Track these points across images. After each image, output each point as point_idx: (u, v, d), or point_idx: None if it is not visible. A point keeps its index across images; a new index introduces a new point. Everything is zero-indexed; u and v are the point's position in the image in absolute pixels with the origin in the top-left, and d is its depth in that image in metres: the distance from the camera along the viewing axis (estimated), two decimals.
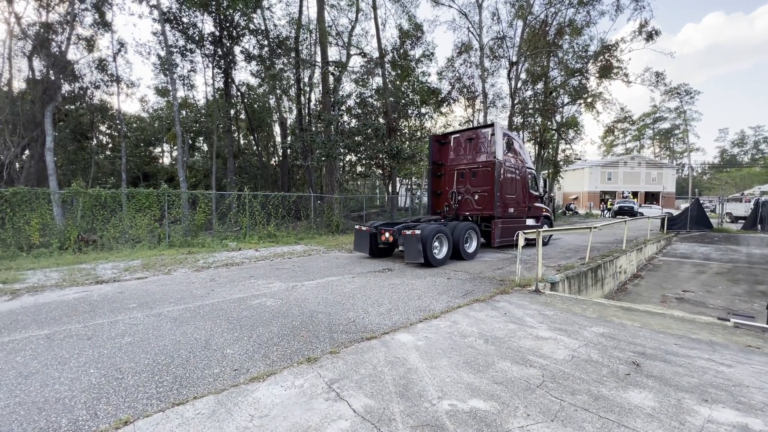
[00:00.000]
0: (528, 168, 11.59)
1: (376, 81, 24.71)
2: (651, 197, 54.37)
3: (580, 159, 35.64)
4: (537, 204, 12.06)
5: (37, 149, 17.15)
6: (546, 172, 33.67)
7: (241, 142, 32.12)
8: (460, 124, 32.61)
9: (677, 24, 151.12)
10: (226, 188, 22.21)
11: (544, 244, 11.81)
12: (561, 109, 30.74)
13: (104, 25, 19.06)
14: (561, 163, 32.62)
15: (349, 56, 21.70)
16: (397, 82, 24.36)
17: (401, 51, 24.16)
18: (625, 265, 11.43)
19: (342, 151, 18.77)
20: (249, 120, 27.53)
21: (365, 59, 22.70)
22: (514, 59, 26.32)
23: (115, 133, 28.47)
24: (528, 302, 5.52)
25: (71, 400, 2.74)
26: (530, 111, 28.09)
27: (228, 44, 20.89)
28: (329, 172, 19.15)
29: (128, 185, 21.22)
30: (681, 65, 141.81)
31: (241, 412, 2.56)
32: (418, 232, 8.05)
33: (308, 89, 23.96)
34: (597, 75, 27.50)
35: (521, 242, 6.60)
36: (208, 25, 21.13)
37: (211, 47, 21.02)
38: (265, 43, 22.20)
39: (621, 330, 4.37)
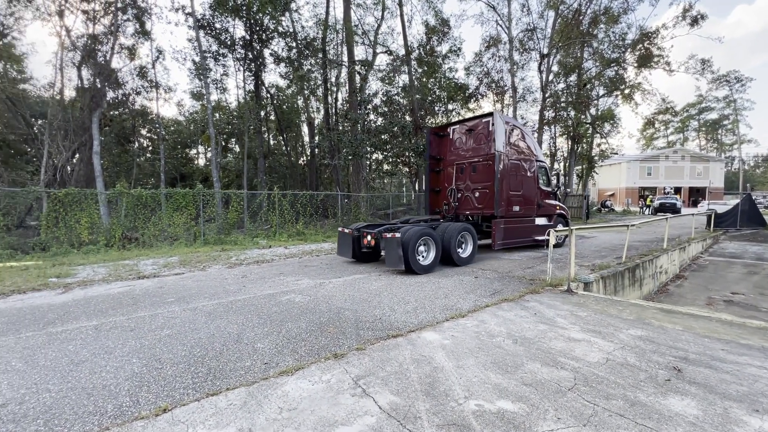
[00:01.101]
0: (538, 161, 10.43)
1: (402, 78, 24.63)
2: (696, 193, 51.05)
3: (616, 153, 34.00)
4: (549, 201, 10.90)
5: (86, 153, 18.37)
6: (579, 167, 32.41)
7: (271, 142, 32.99)
8: None
9: (727, 6, 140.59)
10: (256, 188, 22.90)
11: (557, 245, 10.35)
12: (596, 101, 29.44)
13: (144, 34, 20.10)
14: (596, 158, 31.26)
15: (375, 55, 21.76)
16: (424, 79, 24.17)
17: (427, 47, 23.93)
18: (667, 265, 10.81)
19: (368, 149, 18.88)
20: (278, 121, 28.22)
21: (391, 57, 22.68)
22: (545, 51, 25.44)
23: (155, 137, 30.02)
24: (560, 302, 5.34)
25: (116, 387, 2.93)
26: (562, 104, 27.06)
27: (258, 47, 21.48)
28: (356, 171, 19.32)
29: (166, 186, 22.33)
30: (731, 51, 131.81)
31: (271, 405, 2.64)
32: (398, 235, 7.11)
33: (335, 89, 24.25)
34: (635, 65, 26.10)
35: (552, 240, 6.39)
36: (239, 30, 21.83)
37: (242, 51, 21.70)
38: (294, 45, 22.65)
39: (661, 333, 4.14)
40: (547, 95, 25.77)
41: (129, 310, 5.05)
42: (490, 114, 9.50)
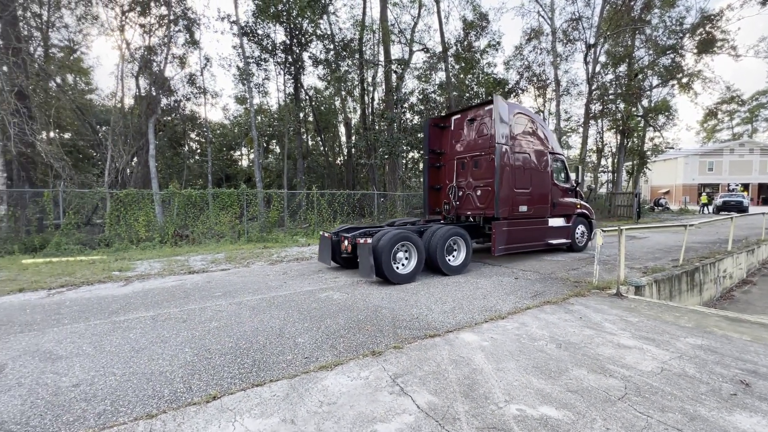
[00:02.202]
0: (553, 154, 9.14)
1: (439, 76, 24.36)
2: (767, 189, 46.17)
3: (672, 148, 31.52)
4: (566, 199, 9.57)
5: (143, 156, 19.84)
6: (630, 163, 30.42)
7: (309, 143, 33.86)
8: None
9: None
10: (296, 187, 23.61)
11: (573, 249, 9.76)
12: (648, 92, 27.46)
13: (193, 43, 21.34)
14: (648, 153, 29.18)
15: (411, 53, 21.68)
16: (461, 76, 23.74)
17: (465, 43, 23.47)
18: (732, 269, 9.88)
19: (404, 148, 18.86)
20: (316, 122, 28.91)
21: (428, 55, 22.49)
22: (592, 41, 24.08)
23: (203, 140, 31.81)
24: (607, 306, 5.05)
25: (171, 374, 3.15)
26: (611, 97, 25.50)
27: (297, 51, 22.12)
28: (392, 170, 19.38)
29: (213, 186, 23.61)
30: None
31: (312, 398, 2.72)
32: (369, 240, 6.31)
33: (371, 89, 24.44)
34: (695, 51, 24.05)
35: (600, 241, 6.04)
36: (279, 35, 22.62)
37: (283, 55, 22.44)
38: (331, 47, 23.08)
39: (725, 343, 3.80)
40: (593, 87, 24.40)
41: (181, 302, 5.40)
42: (491, 100, 8.25)
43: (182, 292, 6.03)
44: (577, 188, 10.02)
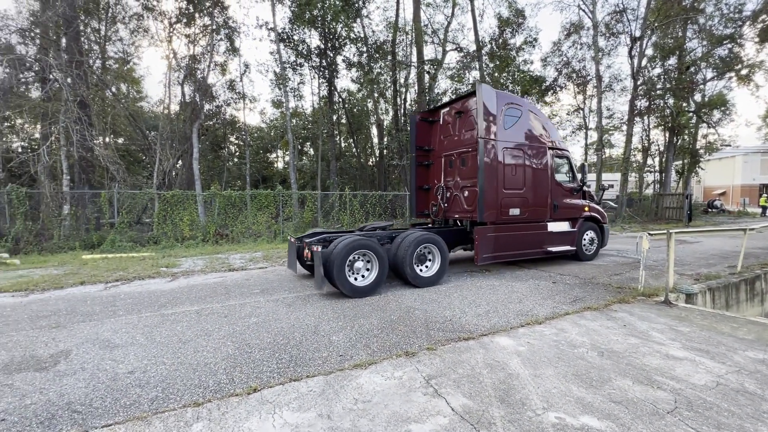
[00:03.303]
0: (553, 149, 8.11)
1: (473, 75, 23.94)
2: None
3: (729, 145, 29.19)
4: (571, 201, 8.46)
5: (187, 159, 20.99)
6: (679, 162, 28.48)
7: (342, 145, 34.40)
8: (567, 114, 29.64)
9: None
10: (329, 188, 24.06)
11: (580, 258, 8.67)
12: (702, 86, 25.56)
13: (233, 51, 22.31)
14: (701, 151, 27.16)
15: (444, 53, 21.49)
16: (495, 74, 23.22)
17: (500, 41, 22.95)
18: None
19: None
20: (349, 124, 29.32)
21: (461, 54, 22.20)
22: (638, 34, 22.75)
23: (241, 143, 33.16)
24: (655, 315, 4.76)
25: (215, 365, 3.32)
26: (658, 92, 23.98)
27: (331, 55, 22.55)
28: None
29: (251, 187, 24.56)
30: None
31: (347, 395, 2.78)
32: (319, 248, 5.63)
33: (404, 90, 24.45)
34: (756, 40, 22.12)
35: (646, 245, 5.71)
36: (314, 40, 23.13)
37: (317, 59, 22.96)
38: (364, 49, 23.34)
39: None
40: (639, 82, 23.04)
41: (222, 298, 5.67)
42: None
43: (223, 288, 6.33)
44: (584, 188, 8.79)
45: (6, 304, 5.45)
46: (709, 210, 31.46)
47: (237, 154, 34.51)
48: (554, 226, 8.11)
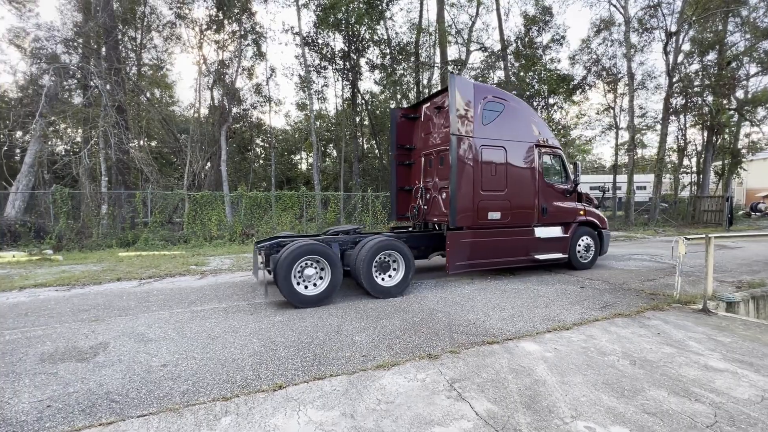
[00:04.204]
0: (541, 146, 7.40)
1: (497, 74, 23.59)
2: None
3: None
4: (563, 204, 7.69)
5: (216, 161, 21.69)
6: (719, 163, 26.97)
7: (365, 146, 34.60)
8: (597, 113, 28.67)
9: None
10: (351, 189, 24.25)
11: (574, 266, 7.85)
12: (744, 82, 24.14)
13: (260, 55, 22.92)
14: (743, 151, 25.61)
15: (468, 53, 21.27)
16: (521, 73, 22.76)
17: (526, 39, 22.49)
18: None
19: None
20: (372, 125, 29.47)
21: (486, 54, 21.90)
22: (673, 29, 21.75)
23: (267, 145, 33.96)
24: (692, 323, 4.53)
25: (242, 361, 3.41)
26: (696, 89, 22.82)
27: (355, 57, 22.77)
28: None
29: (275, 189, 25.12)
30: None
31: (370, 395, 2.79)
32: (262, 253, 5.38)
33: (427, 91, 24.35)
34: None
35: (682, 250, 5.44)
36: (338, 43, 23.43)
37: (341, 62, 23.24)
38: (387, 51, 23.44)
39: None
40: (674, 80, 22.01)
41: (249, 296, 5.82)
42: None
43: (249, 287, 6.49)
44: (578, 188, 7.97)
45: (50, 298, 5.81)
46: (752, 213, 29.58)
47: (262, 156, 35.35)
48: (543, 232, 7.39)
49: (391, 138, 8.38)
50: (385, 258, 5.87)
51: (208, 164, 22.89)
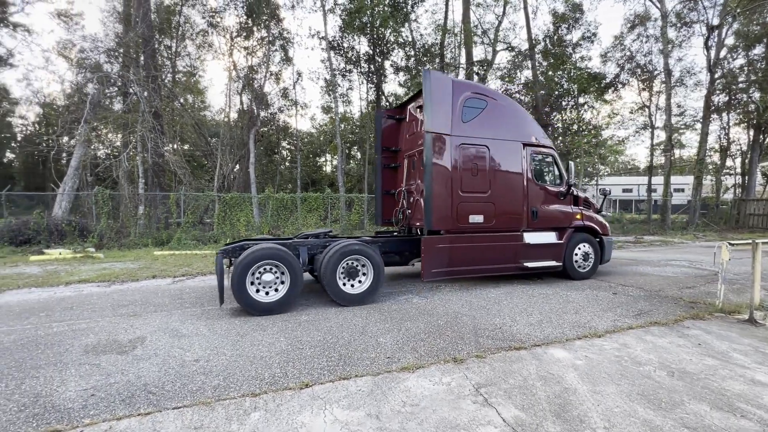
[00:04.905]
0: (532, 146, 6.91)
1: (525, 74, 23.09)
2: None
3: None
4: (557, 207, 7.13)
5: (244, 164, 22.36)
6: (766, 164, 25.26)
7: None
8: (631, 112, 27.50)
9: None
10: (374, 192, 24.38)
11: (570, 276, 7.23)
12: None
13: (287, 60, 23.48)
14: None
15: (495, 53, 20.94)
16: (549, 72, 22.20)
17: (554, 38, 21.92)
18: None
19: None
20: None
21: (513, 53, 21.49)
22: (715, 22, 20.59)
23: (293, 148, 34.70)
24: (736, 334, 4.26)
25: (270, 359, 3.50)
26: (741, 85, 21.49)
27: (379, 60, 22.91)
28: None
29: (301, 190, 25.60)
30: None
31: (395, 397, 2.79)
32: (221, 256, 5.07)
33: None
34: None
35: (726, 256, 5.12)
36: (363, 46, 23.67)
37: (366, 65, 23.45)
38: (412, 53, 23.44)
39: None
40: (716, 76, 20.83)
41: None
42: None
43: None
44: (574, 191, 7.36)
45: (93, 293, 6.16)
46: None
47: (288, 158, 36.12)
48: (533, 237, 6.87)
49: (376, 140, 8.07)
50: (353, 264, 5.52)
51: (237, 166, 23.62)
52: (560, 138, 21.47)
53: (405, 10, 20.18)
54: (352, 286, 5.51)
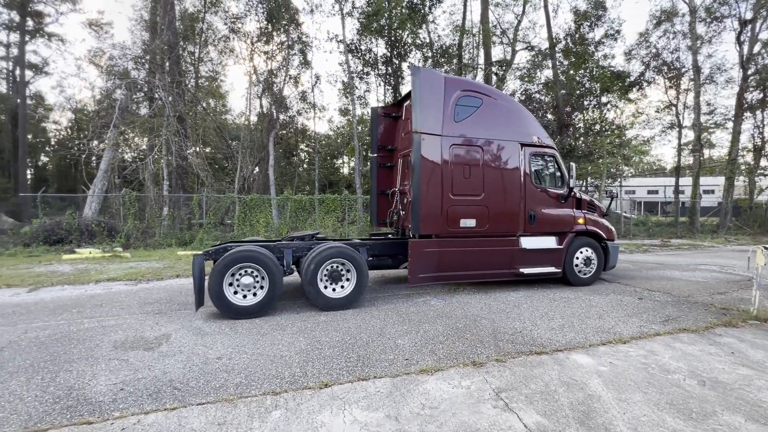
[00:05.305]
0: (530, 146, 6.55)
1: (545, 74, 22.67)
2: None
3: None
4: (556, 210, 6.73)
5: (264, 166, 22.78)
6: None
7: None
8: (657, 111, 26.62)
9: None
10: None
11: (570, 282, 6.85)
12: None
13: (306, 64, 23.80)
14: None
15: (514, 53, 20.66)
16: (571, 71, 21.72)
17: (576, 36, 21.44)
18: None
19: None
20: None
21: (533, 53, 21.15)
22: (748, 16, 19.73)
23: (311, 150, 35.13)
24: None
25: (289, 358, 3.54)
26: None
27: (397, 62, 22.94)
28: None
29: (319, 192, 25.87)
30: None
31: (414, 399, 2.78)
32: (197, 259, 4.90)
33: None
34: None
35: (760, 261, 4.88)
36: (380, 49, 23.77)
37: (383, 67, 23.52)
38: (429, 54, 23.38)
39: None
40: (749, 72, 19.92)
41: (294, 296, 6.04)
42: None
43: (294, 287, 6.73)
44: (577, 193, 6.97)
45: (121, 291, 6.39)
46: None
47: (306, 160, 36.57)
48: (531, 242, 6.50)
49: (372, 138, 7.70)
50: (336, 267, 5.37)
51: (257, 169, 24.08)
52: (581, 138, 20.96)
53: (423, 11, 20.15)
54: (334, 290, 5.34)
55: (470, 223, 6.09)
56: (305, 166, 36.13)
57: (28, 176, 28.82)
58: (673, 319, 4.84)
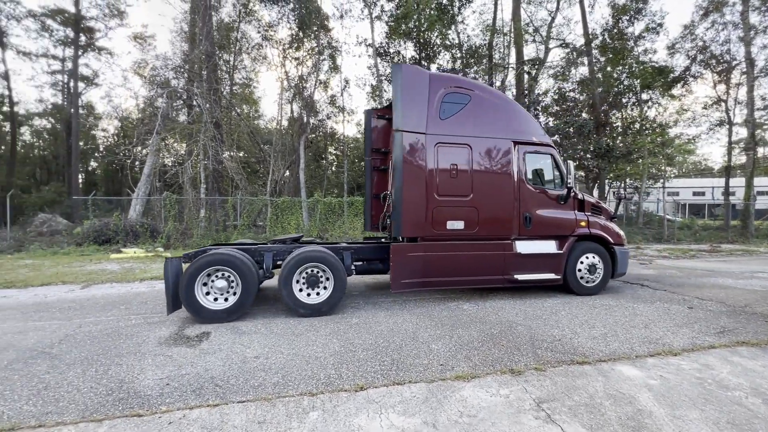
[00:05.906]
0: (524, 143, 6.20)
1: (580, 71, 21.86)
2: None
3: None
4: (554, 212, 6.30)
5: (294, 169, 23.31)
6: None
7: None
8: (704, 108, 25.00)
9: None
10: None
11: (573, 290, 6.37)
12: None
13: (335, 68, 24.20)
14: None
15: (547, 50, 20.06)
16: (608, 68, 20.82)
17: (614, 31, 20.53)
18: None
19: None
20: None
21: (567, 50, 20.45)
22: None
23: (339, 153, 35.61)
24: None
25: (324, 360, 3.58)
26: None
27: (426, 64, 22.85)
28: None
29: (348, 195, 26.15)
30: None
31: (451, 407, 2.73)
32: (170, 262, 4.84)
33: None
34: None
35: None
36: (409, 51, 23.77)
37: None
38: (459, 55, 23.13)
39: None
40: None
41: None
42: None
43: None
44: (578, 194, 6.53)
45: (163, 290, 6.69)
46: None
47: (335, 163, 37.08)
48: (527, 246, 6.12)
49: (365, 141, 7.54)
50: (315, 272, 5.23)
51: (288, 172, 24.67)
52: (620, 138, 20.00)
53: (452, 12, 19.99)
54: (309, 295, 5.19)
55: (458, 225, 5.80)
56: (334, 168, 36.62)
57: (80, 180, 30.94)
58: (729, 331, 4.49)
